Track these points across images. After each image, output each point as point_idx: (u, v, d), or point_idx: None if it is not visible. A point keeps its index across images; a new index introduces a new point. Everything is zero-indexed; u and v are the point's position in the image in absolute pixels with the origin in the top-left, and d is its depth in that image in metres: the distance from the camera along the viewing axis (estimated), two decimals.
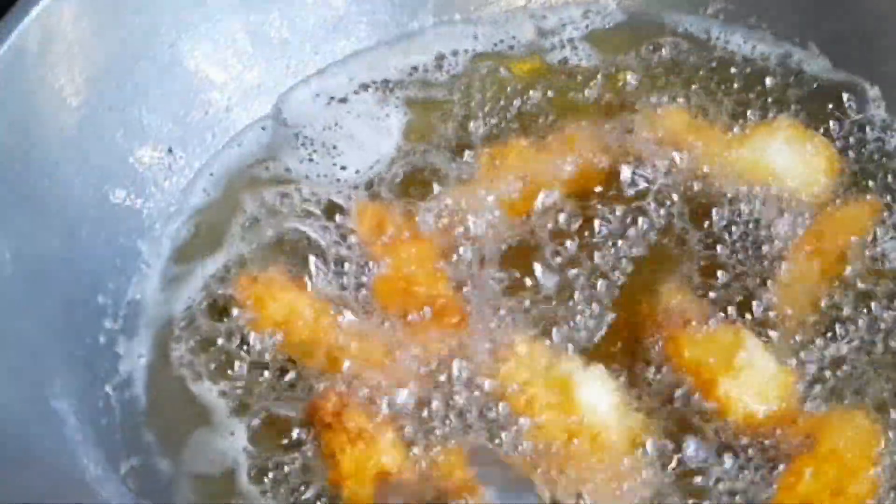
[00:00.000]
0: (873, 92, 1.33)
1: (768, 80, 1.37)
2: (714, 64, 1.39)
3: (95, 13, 1.24)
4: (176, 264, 1.28)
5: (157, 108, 1.31)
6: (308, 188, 1.30)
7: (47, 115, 1.21)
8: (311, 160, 1.34)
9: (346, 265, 1.22)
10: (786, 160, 1.25)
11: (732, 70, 1.38)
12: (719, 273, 1.20)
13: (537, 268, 1.21)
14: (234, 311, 1.20)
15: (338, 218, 1.26)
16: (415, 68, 1.41)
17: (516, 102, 1.37)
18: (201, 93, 1.35)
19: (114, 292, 1.24)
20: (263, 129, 1.38)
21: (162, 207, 1.31)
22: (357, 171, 1.32)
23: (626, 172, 1.27)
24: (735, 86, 1.36)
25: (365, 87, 1.40)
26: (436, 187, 1.28)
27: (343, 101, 1.39)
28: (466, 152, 1.31)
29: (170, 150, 1.32)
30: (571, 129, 1.32)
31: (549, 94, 1.38)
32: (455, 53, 1.42)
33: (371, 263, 1.21)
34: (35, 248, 1.17)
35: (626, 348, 1.16)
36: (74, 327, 1.20)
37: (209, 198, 1.33)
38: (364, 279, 1.20)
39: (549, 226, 1.24)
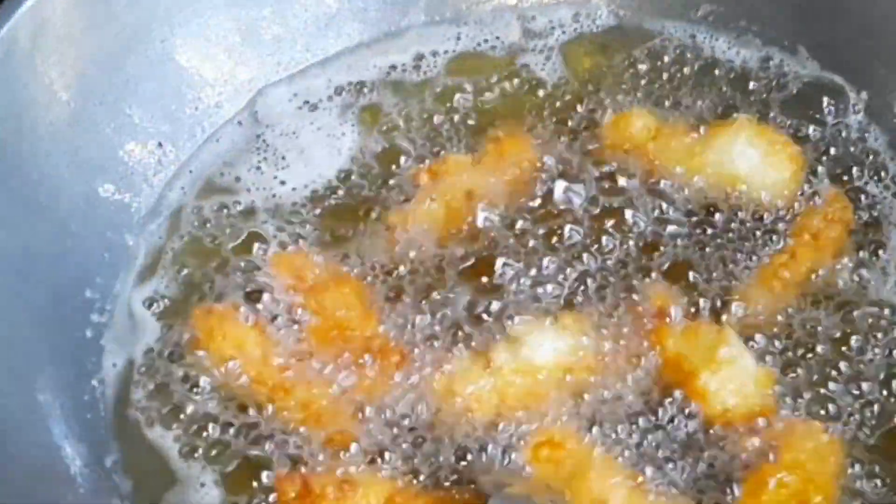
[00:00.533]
0: (857, 97, 1.34)
1: (751, 84, 1.38)
2: (697, 67, 1.40)
3: (87, 7, 1.25)
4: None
5: (147, 103, 1.32)
6: (243, 204, 1.30)
7: (38, 109, 1.22)
8: (258, 169, 1.34)
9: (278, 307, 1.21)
10: (746, 159, 1.26)
11: (717, 72, 1.39)
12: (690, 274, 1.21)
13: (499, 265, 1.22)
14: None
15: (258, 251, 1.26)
16: (393, 67, 1.41)
17: (468, 113, 1.37)
18: (192, 88, 1.36)
19: (101, 286, 1.25)
20: (240, 123, 1.38)
21: (150, 202, 1.32)
22: (293, 189, 1.31)
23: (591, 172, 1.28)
24: (718, 88, 1.37)
25: (339, 90, 1.39)
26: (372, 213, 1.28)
27: (314, 107, 1.38)
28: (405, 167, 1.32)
29: (159, 145, 1.33)
30: (522, 133, 1.33)
31: (508, 96, 1.39)
32: (434, 54, 1.42)
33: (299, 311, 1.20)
34: (23, 240, 1.18)
35: None
36: (61, 321, 1.21)
37: (185, 196, 1.33)
38: (295, 326, 1.19)
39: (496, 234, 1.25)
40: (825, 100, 1.35)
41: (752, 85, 1.38)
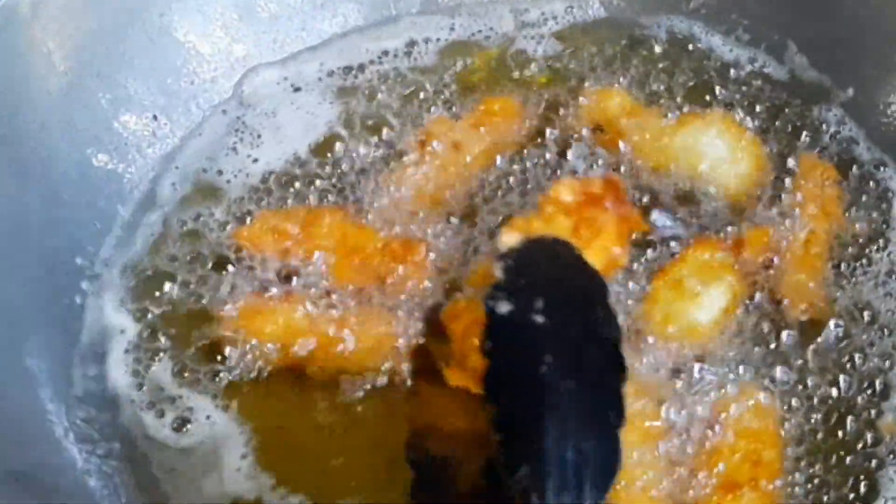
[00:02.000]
0: (843, 94, 1.37)
1: (734, 75, 1.40)
2: (684, 58, 1.41)
3: None
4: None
5: (144, 75, 1.33)
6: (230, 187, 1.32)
7: (35, 78, 1.23)
8: (233, 149, 1.35)
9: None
10: (712, 151, 1.29)
11: (704, 64, 1.41)
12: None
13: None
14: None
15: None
16: (385, 53, 1.42)
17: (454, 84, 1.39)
18: (188, 63, 1.37)
19: (92, 254, 1.27)
20: (224, 112, 1.38)
21: (144, 173, 1.33)
22: (267, 164, 1.33)
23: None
24: (702, 80, 1.39)
25: (330, 73, 1.40)
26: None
27: (298, 89, 1.39)
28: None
29: (154, 118, 1.34)
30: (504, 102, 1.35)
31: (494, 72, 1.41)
32: (427, 41, 1.43)
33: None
34: (17, 207, 1.19)
35: None
36: (52, 287, 1.22)
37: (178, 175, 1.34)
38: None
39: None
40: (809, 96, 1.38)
41: (734, 76, 1.40)
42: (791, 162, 1.31)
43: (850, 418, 1.16)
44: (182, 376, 1.18)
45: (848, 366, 1.19)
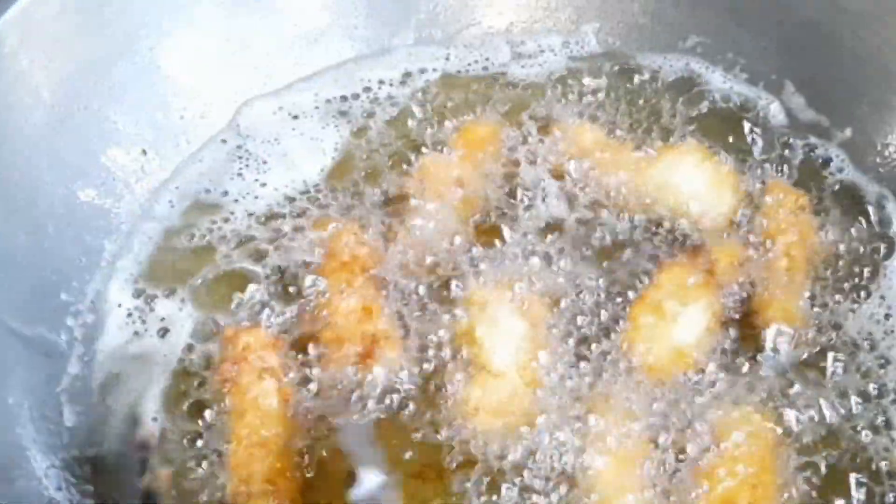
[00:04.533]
0: (841, 133, 1.36)
1: (726, 114, 1.40)
2: (675, 96, 1.41)
3: (78, 12, 1.25)
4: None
5: (132, 109, 1.32)
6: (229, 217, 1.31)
7: (22, 110, 1.22)
8: (239, 175, 1.34)
9: None
10: (687, 182, 1.29)
11: (699, 102, 1.40)
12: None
13: None
14: None
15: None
16: (381, 82, 1.42)
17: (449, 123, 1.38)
18: (178, 98, 1.36)
19: (77, 290, 1.25)
20: (224, 141, 1.38)
21: (132, 209, 1.31)
22: (275, 189, 1.32)
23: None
24: (694, 118, 1.39)
25: (327, 101, 1.40)
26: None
27: (296, 117, 1.39)
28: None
29: (143, 153, 1.33)
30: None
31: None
32: (423, 72, 1.43)
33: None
34: (0, 241, 1.18)
35: None
36: (36, 322, 1.20)
37: (173, 209, 1.33)
38: None
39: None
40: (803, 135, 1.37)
41: (726, 114, 1.39)
42: (762, 190, 1.31)
43: (840, 437, 1.15)
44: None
45: (829, 386, 1.18)
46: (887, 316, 1.23)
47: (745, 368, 1.18)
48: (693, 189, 1.29)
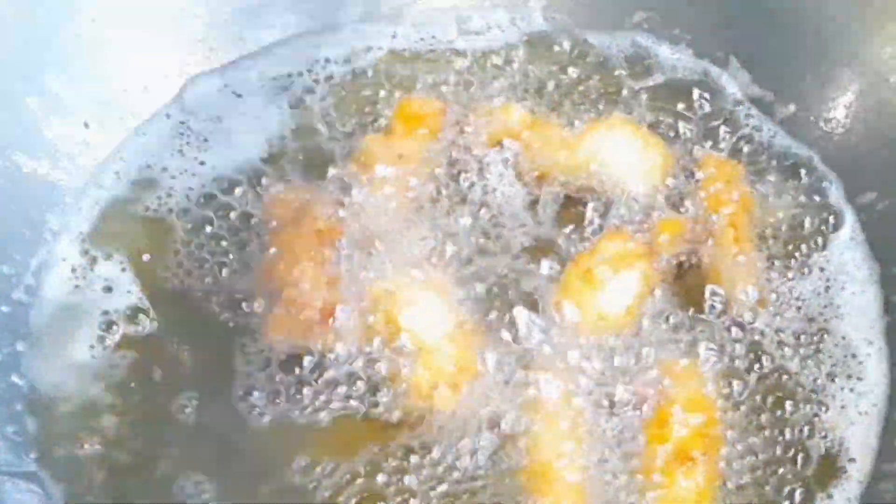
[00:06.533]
0: (785, 109, 1.37)
1: (669, 89, 1.40)
2: (617, 73, 1.41)
3: None
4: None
5: (74, 82, 1.31)
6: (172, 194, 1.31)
7: None
8: (180, 152, 1.33)
9: None
10: (617, 155, 1.30)
11: (649, 80, 1.41)
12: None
13: None
14: None
15: None
16: (327, 60, 1.41)
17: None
18: (120, 70, 1.35)
19: (20, 263, 1.24)
20: (168, 116, 1.37)
21: (76, 182, 1.31)
22: (213, 168, 1.32)
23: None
24: (632, 93, 1.40)
25: (272, 79, 1.39)
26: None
27: (239, 95, 1.38)
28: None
29: (86, 125, 1.32)
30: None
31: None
32: (368, 50, 1.42)
33: None
34: None
35: None
36: None
37: (118, 182, 1.32)
38: None
39: None
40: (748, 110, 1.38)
41: (669, 89, 1.40)
42: (698, 162, 1.32)
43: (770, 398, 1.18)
44: None
45: (773, 347, 1.20)
46: (827, 288, 1.25)
47: (686, 326, 1.20)
48: (624, 162, 1.29)
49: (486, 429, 1.12)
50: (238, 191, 1.29)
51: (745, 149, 1.35)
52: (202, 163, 1.32)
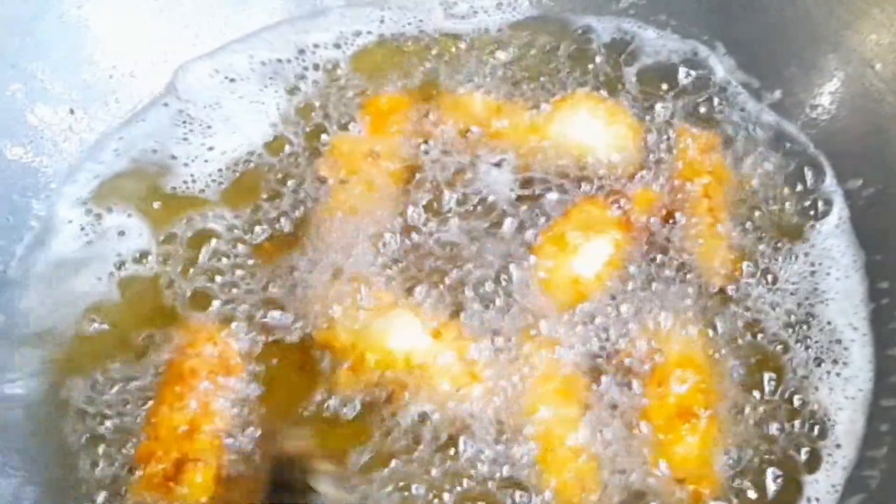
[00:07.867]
0: (771, 95, 1.37)
1: (653, 73, 1.40)
2: (612, 60, 1.41)
3: None
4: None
5: (59, 68, 1.30)
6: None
7: None
8: (185, 139, 1.33)
9: None
10: (585, 131, 1.31)
11: (635, 66, 1.41)
12: None
13: None
14: None
15: None
16: (315, 45, 1.41)
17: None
18: (106, 56, 1.35)
19: (4, 249, 1.24)
20: (166, 105, 1.36)
21: (60, 168, 1.30)
22: (223, 153, 1.32)
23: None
24: (618, 77, 1.39)
25: (262, 63, 1.39)
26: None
27: (233, 80, 1.38)
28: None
29: (71, 111, 1.32)
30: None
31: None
32: (357, 34, 1.42)
33: None
34: None
35: None
36: None
37: (110, 168, 1.32)
38: None
39: None
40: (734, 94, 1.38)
41: (654, 73, 1.40)
42: (675, 132, 1.33)
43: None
44: None
45: (759, 333, 1.21)
46: (813, 273, 1.25)
47: (673, 290, 1.21)
48: (592, 135, 1.31)
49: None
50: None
51: (730, 131, 1.35)
52: (210, 148, 1.32)
